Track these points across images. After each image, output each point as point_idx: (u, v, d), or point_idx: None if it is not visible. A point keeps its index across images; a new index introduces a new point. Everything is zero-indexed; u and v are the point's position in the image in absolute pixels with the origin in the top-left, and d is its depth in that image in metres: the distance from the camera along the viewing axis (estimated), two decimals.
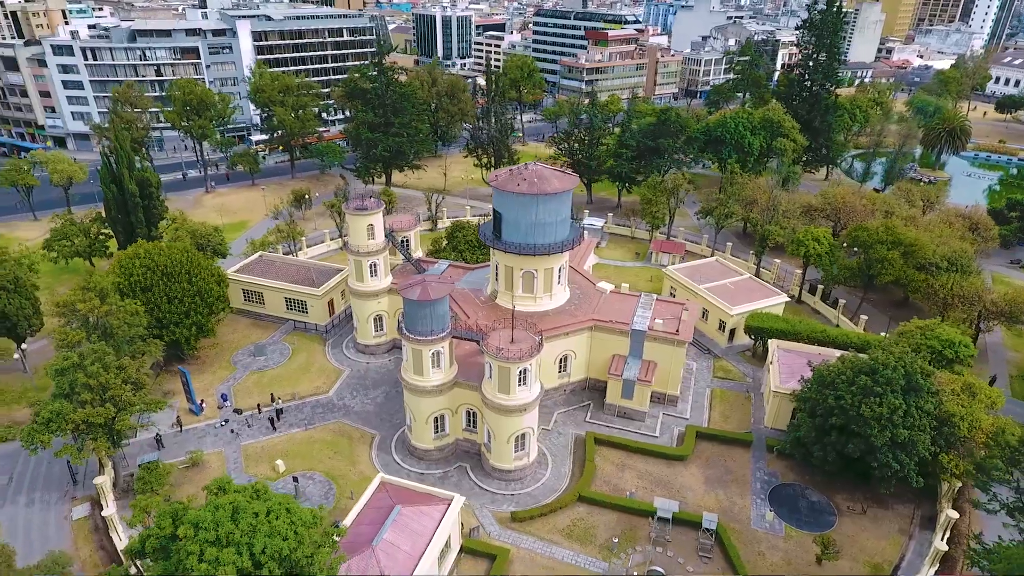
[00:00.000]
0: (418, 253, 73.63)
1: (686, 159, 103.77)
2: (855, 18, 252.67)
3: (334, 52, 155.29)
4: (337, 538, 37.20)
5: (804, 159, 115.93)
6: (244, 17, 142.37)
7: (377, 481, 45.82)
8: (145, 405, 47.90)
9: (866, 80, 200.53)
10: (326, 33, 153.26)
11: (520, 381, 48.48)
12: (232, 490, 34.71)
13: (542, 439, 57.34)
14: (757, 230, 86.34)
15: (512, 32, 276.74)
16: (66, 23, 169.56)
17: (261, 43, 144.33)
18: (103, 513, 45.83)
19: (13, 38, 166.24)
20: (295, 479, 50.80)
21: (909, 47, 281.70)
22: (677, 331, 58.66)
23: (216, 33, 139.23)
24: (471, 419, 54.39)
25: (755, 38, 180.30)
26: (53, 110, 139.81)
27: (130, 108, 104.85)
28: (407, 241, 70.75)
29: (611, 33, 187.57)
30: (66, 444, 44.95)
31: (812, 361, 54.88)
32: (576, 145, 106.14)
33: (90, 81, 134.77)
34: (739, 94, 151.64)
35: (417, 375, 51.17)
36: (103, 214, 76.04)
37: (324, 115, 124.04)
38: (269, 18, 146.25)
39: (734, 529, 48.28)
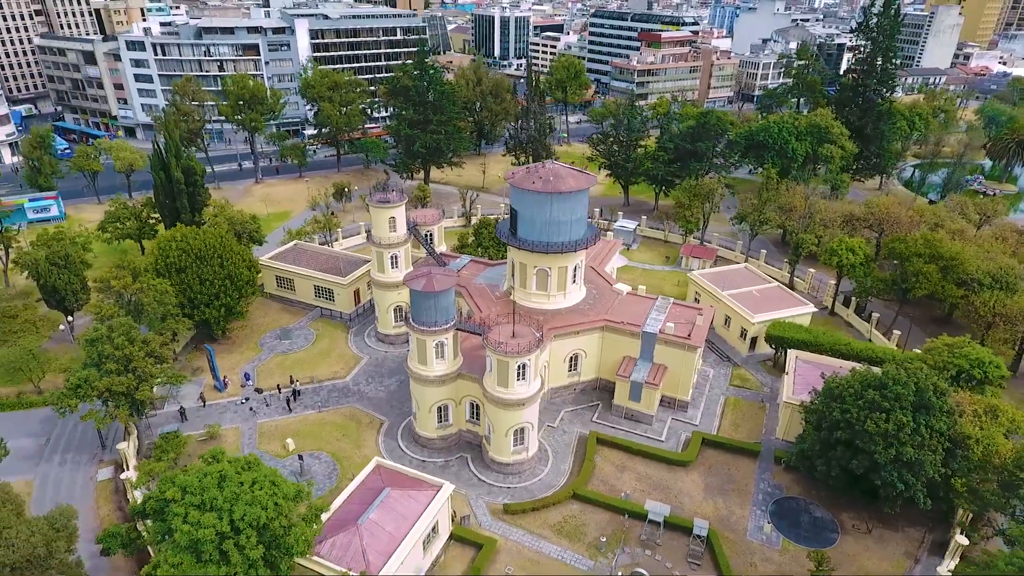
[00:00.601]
0: (442, 247, 75.15)
1: (726, 163, 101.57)
2: (930, 22, 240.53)
3: (387, 51, 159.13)
4: (324, 514, 38.98)
5: (854, 167, 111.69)
6: (302, 16, 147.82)
7: (373, 464, 47.42)
8: (166, 378, 51.01)
9: (937, 87, 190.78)
10: (380, 32, 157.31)
11: (519, 376, 49.05)
12: (224, 460, 36.76)
13: (546, 436, 57.78)
14: (792, 238, 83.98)
15: (568, 33, 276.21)
16: (143, 20, 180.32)
17: (317, 41, 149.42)
18: (121, 476, 49.08)
19: (95, 34, 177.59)
20: (300, 457, 53.00)
21: (990, 53, 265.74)
22: (689, 335, 57.97)
23: (276, 31, 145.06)
24: (474, 411, 55.32)
25: (817, 41, 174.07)
26: (125, 102, 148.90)
27: (188, 101, 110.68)
28: (431, 235, 72.33)
29: (664, 35, 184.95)
30: (91, 409, 48.35)
31: (826, 373, 53.26)
32: (614, 147, 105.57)
33: (159, 75, 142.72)
34: (793, 99, 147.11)
35: (421, 364, 52.49)
36: (153, 199, 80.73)
37: (370, 112, 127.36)
38: (326, 17, 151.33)
39: (728, 538, 47.48)
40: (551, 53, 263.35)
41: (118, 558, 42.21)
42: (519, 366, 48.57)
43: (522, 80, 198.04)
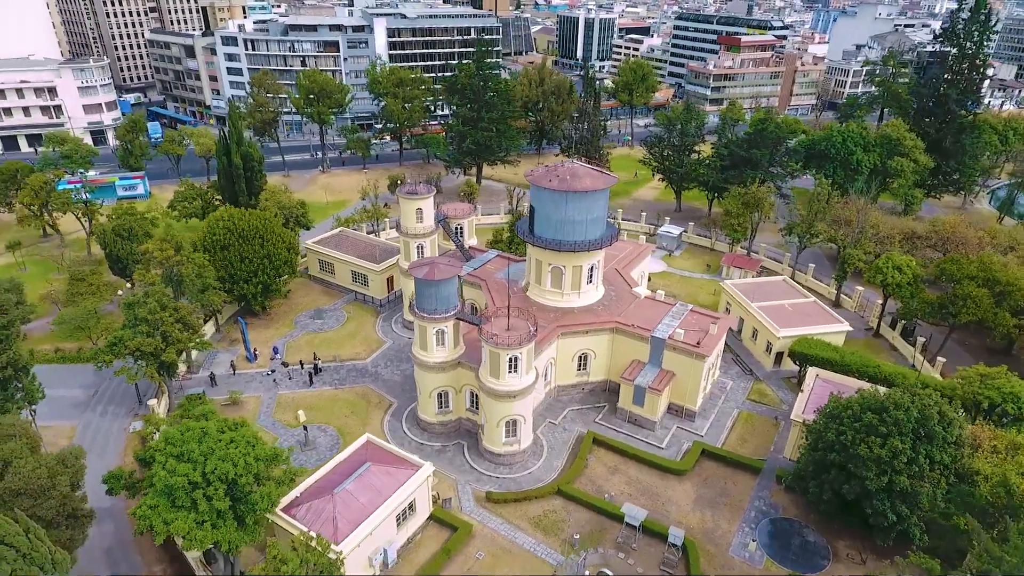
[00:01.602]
0: (472, 241, 76.89)
1: (782, 172, 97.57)
2: None
3: (460, 50, 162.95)
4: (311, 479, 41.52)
5: (930, 182, 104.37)
6: (381, 15, 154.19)
7: (363, 440, 49.80)
8: (192, 343, 55.58)
9: None
10: (455, 32, 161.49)
11: (511, 368, 49.96)
12: (212, 418, 40.04)
13: (546, 432, 58.33)
14: (841, 253, 79.91)
15: (653, 36, 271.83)
16: (244, 17, 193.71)
17: (394, 39, 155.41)
18: (129, 428, 53.99)
19: (200, 30, 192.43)
20: (305, 428, 56.24)
21: None
22: (698, 344, 56.80)
23: (355, 29, 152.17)
24: (474, 400, 56.66)
25: (916, 49, 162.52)
26: (218, 92, 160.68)
27: (264, 93, 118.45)
28: (461, 228, 74.22)
29: (744, 39, 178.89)
30: (124, 366, 53.47)
31: (843, 393, 50.73)
32: (667, 151, 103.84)
33: (247, 68, 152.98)
34: (875, 109, 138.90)
35: (423, 350, 54.44)
36: (217, 182, 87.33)
37: (433, 109, 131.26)
38: (404, 16, 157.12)
39: (708, 551, 46.42)
40: (633, 56, 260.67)
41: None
42: (510, 359, 49.48)
43: (597, 82, 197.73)
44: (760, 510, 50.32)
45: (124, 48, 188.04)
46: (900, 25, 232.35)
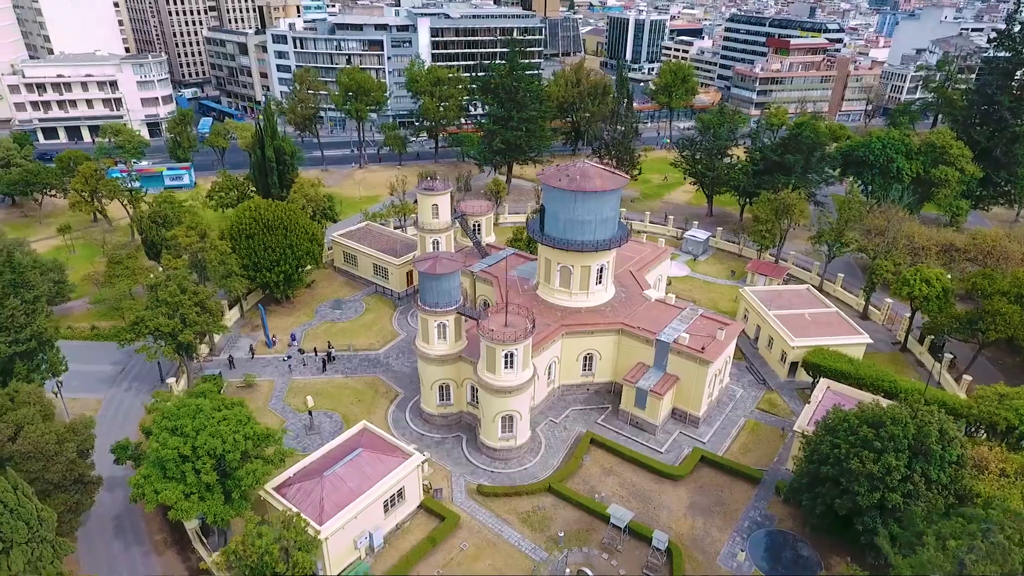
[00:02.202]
0: (491, 238, 77.68)
1: (815, 178, 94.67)
2: None
3: (503, 50, 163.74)
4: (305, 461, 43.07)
5: (978, 193, 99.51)
6: (425, 15, 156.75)
7: (360, 426, 51.24)
8: (207, 326, 58.18)
9: None
10: (498, 32, 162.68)
11: (507, 364, 50.47)
12: (211, 396, 42.01)
13: (546, 430, 58.58)
14: (871, 263, 77.16)
15: (705, 37, 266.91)
16: (299, 16, 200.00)
17: (437, 39, 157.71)
18: (143, 404, 56.69)
19: (258, 28, 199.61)
20: (310, 413, 58.07)
21: None
22: (703, 349, 56.02)
23: (400, 28, 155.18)
24: (475, 394, 57.36)
25: (975, 53, 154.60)
26: (268, 89, 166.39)
27: (305, 89, 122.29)
28: (479, 226, 75.12)
29: (793, 42, 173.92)
30: (144, 344, 56.39)
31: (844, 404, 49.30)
32: (698, 154, 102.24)
33: (295, 66, 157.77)
34: (928, 116, 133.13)
35: (424, 343, 55.52)
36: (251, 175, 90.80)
37: (470, 108, 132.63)
38: (448, 16, 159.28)
39: (695, 558, 45.87)
40: (683, 58, 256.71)
41: None
42: (506, 354, 49.99)
43: (641, 84, 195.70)
44: (755, 521, 49.34)
45: (183, 45, 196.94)
46: (967, 29, 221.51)
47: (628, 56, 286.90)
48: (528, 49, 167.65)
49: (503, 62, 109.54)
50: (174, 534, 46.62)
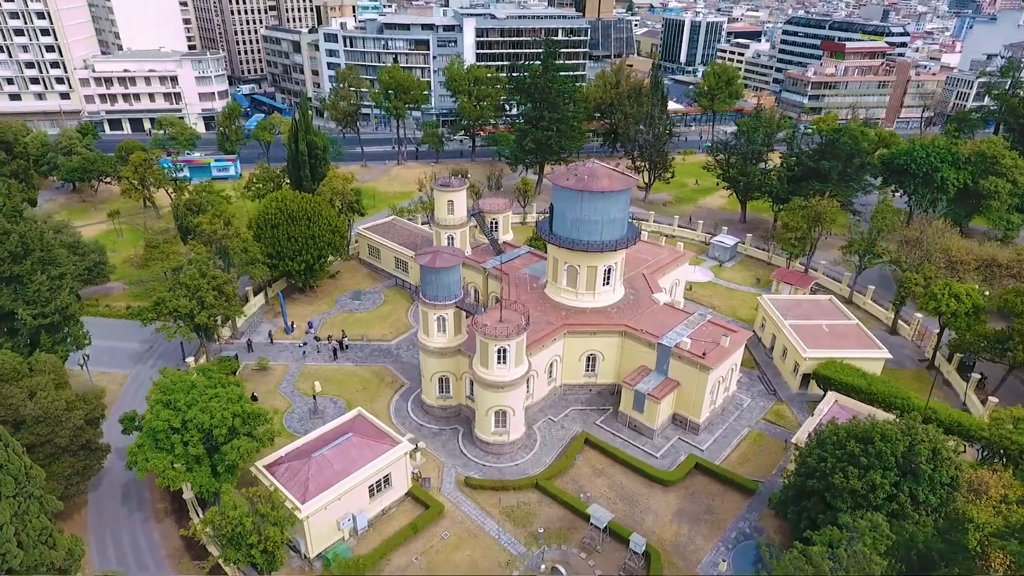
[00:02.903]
0: (508, 236, 78.23)
1: (854, 187, 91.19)
2: None
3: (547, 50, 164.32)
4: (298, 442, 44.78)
5: None
6: (471, 15, 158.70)
7: (354, 412, 52.83)
8: (223, 309, 60.97)
9: None
10: (542, 32, 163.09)
11: (500, 359, 51.02)
12: (207, 374, 44.22)
13: (543, 428, 58.83)
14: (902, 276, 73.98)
15: (762, 40, 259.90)
16: (354, 16, 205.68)
17: (482, 39, 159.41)
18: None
19: (310, 28, 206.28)
20: (314, 398, 60.11)
21: None
22: (704, 355, 55.14)
23: (446, 28, 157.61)
24: (473, 388, 58.07)
25: None
26: (318, 86, 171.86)
27: (347, 87, 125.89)
28: (496, 223, 75.85)
29: (849, 45, 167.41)
30: (164, 324, 59.58)
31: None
32: (732, 159, 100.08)
33: (345, 64, 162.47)
34: (991, 124, 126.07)
35: (425, 335, 56.65)
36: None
37: (508, 108, 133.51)
38: (493, 16, 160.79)
39: (675, 564, 45.34)
40: (737, 61, 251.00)
41: None
42: (499, 349, 50.54)
43: (691, 86, 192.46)
44: (743, 532, 48.32)
45: (243, 43, 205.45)
46: None
47: (682, 59, 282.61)
48: (572, 50, 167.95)
49: (538, 62, 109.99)
50: (174, 503, 49.21)
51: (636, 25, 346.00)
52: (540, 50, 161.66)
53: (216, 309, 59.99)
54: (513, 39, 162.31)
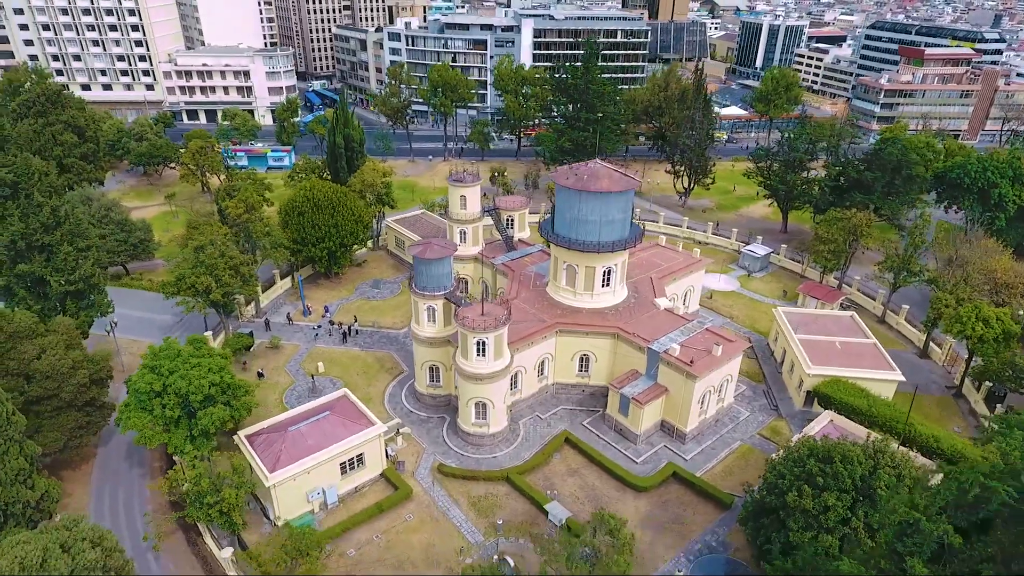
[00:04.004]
0: (525, 233, 78.83)
1: (898, 202, 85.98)
2: None
3: (605, 52, 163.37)
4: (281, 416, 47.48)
5: None
6: (529, 16, 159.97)
7: (339, 393, 55.10)
8: (239, 288, 64.81)
9: None
10: (600, 34, 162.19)
11: (479, 351, 51.95)
12: (203, 345, 47.51)
13: (529, 424, 59.26)
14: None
15: (842, 45, 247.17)
16: (424, 15, 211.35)
17: (539, 39, 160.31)
18: None
19: (377, 27, 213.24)
20: (312, 377, 62.98)
21: None
22: (691, 362, 53.99)
23: (504, 29, 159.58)
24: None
25: None
26: (381, 82, 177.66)
27: (398, 84, 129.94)
28: (511, 220, 76.65)
29: (928, 51, 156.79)
30: (183, 298, 63.97)
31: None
32: (773, 166, 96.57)
33: (407, 62, 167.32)
34: None
35: (416, 324, 58.33)
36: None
37: (554, 108, 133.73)
38: (552, 17, 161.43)
39: (632, 570, 44.70)
40: (816, 67, 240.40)
41: None
42: (478, 342, 51.48)
43: (749, 91, 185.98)
44: (709, 545, 47.15)
45: (317, 41, 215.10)
46: None
47: (758, 63, 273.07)
48: (631, 52, 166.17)
49: (579, 63, 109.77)
50: (170, 463, 52.94)
51: (718, 28, 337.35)
52: (598, 51, 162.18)
53: (231, 287, 63.83)
54: (571, 40, 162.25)
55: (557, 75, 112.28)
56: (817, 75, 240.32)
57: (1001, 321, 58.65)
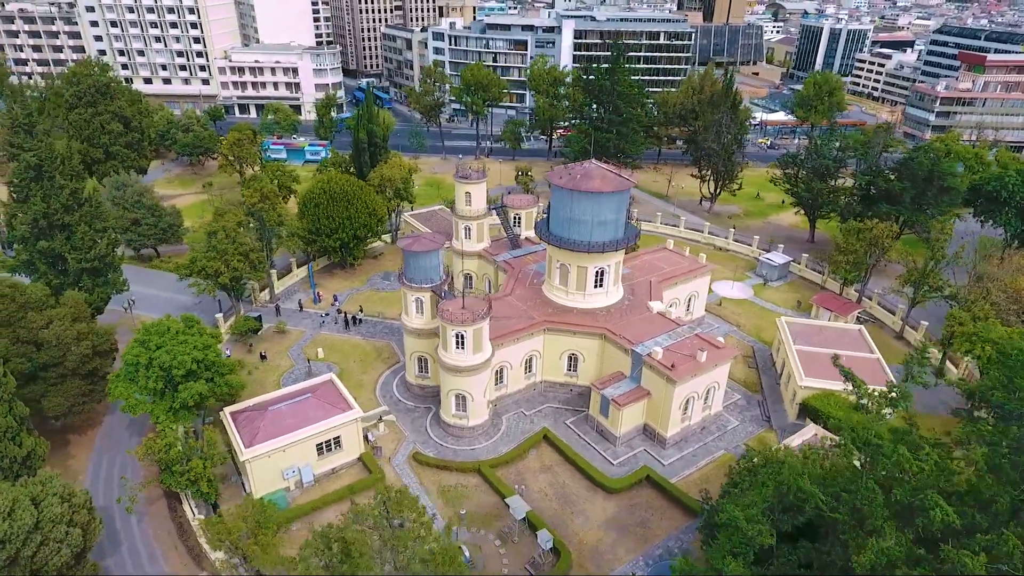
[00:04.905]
0: (531, 232, 79.25)
1: (933, 214, 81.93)
2: None
3: (647, 54, 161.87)
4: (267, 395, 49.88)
5: None
6: (570, 17, 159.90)
7: (325, 377, 57.10)
8: (247, 273, 67.85)
9: None
10: (643, 36, 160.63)
11: (458, 344, 52.93)
12: (195, 324, 50.29)
13: (513, 420, 59.81)
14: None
15: (908, 51, 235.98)
16: (474, 15, 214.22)
17: (580, 40, 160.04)
18: None
19: (423, 27, 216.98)
20: (308, 361, 65.33)
21: None
22: (672, 366, 53.44)
23: (545, 30, 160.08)
24: None
25: None
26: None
27: (432, 82, 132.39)
28: (519, 218, 77.32)
29: (991, 57, 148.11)
30: (196, 280, 67.38)
31: None
32: (800, 173, 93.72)
33: (449, 62, 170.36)
34: None
35: (405, 315, 59.78)
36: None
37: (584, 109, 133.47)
38: (593, 19, 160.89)
39: (587, 568, 44.99)
40: (877, 72, 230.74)
41: None
42: (456, 334, 52.46)
43: (790, 96, 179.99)
44: (670, 551, 46.65)
45: (367, 40, 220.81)
46: None
47: (817, 68, 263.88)
48: (674, 55, 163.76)
49: (597, 66, 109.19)
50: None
51: (779, 31, 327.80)
52: (641, 53, 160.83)
53: (240, 272, 66.91)
54: (611, 41, 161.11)
55: (586, 76, 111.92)
56: (878, 81, 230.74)
57: (1020, 344, 55.34)
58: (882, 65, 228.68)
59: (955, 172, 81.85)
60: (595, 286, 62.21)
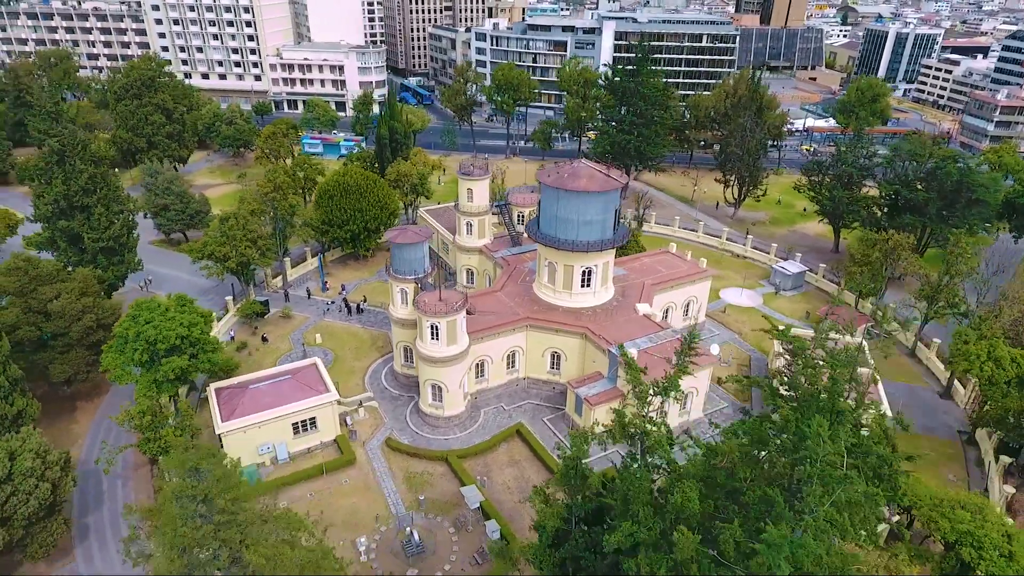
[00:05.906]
0: None
1: (960, 227, 77.88)
2: None
3: (688, 56, 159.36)
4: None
5: None
6: (611, 18, 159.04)
7: (309, 361, 59.43)
8: (255, 259, 71.12)
9: None
10: (685, 38, 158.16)
11: (432, 335, 54.23)
12: (187, 304, 53.42)
13: (491, 414, 60.68)
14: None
15: (977, 57, 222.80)
16: (523, 16, 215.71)
17: (620, 42, 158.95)
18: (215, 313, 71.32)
19: (467, 27, 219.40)
20: (305, 346, 67.93)
21: None
22: (644, 369, 53.00)
23: (586, 31, 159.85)
24: None
25: None
26: None
27: (462, 81, 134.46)
28: (522, 216, 78.03)
29: None
30: (207, 264, 71.07)
31: None
32: (825, 180, 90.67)
33: (491, 62, 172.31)
34: None
35: (392, 305, 61.49)
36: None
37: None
38: (635, 20, 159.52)
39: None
40: (944, 79, 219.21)
41: None
42: (431, 325, 53.76)
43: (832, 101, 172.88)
44: None
45: (416, 39, 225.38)
46: None
47: (880, 73, 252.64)
48: (717, 58, 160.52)
49: (620, 68, 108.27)
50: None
51: (844, 35, 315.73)
52: (683, 56, 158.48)
53: (248, 258, 70.25)
54: (653, 43, 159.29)
55: (611, 77, 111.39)
56: (944, 89, 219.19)
57: (1017, 363, 52.50)
58: (949, 71, 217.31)
59: (984, 183, 77.53)
60: (582, 285, 62.33)
